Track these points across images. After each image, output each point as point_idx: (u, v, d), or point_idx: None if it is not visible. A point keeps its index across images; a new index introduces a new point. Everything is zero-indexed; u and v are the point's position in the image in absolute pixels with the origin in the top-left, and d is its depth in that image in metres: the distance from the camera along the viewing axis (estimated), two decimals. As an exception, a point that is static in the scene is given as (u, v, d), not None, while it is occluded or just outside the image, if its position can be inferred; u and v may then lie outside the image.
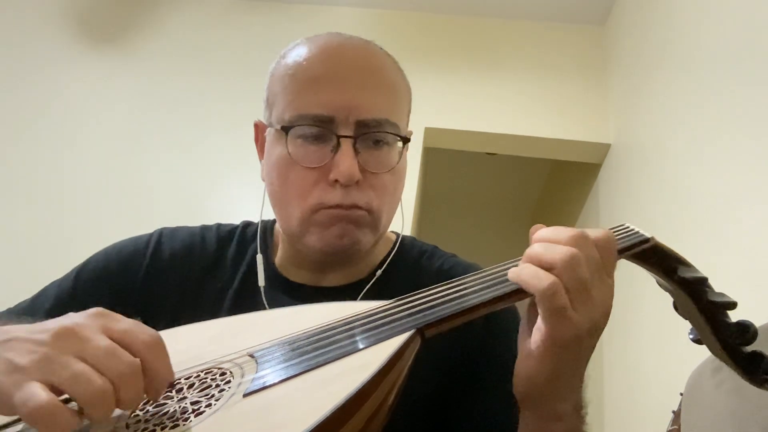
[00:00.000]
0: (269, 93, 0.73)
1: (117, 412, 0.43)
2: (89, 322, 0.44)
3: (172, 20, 2.65)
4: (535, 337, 0.51)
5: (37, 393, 0.38)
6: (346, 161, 0.65)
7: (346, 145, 0.66)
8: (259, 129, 0.77)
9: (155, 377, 0.44)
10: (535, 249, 0.52)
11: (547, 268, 0.50)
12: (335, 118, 0.66)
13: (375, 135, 0.68)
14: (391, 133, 0.69)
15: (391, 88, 0.71)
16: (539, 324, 0.51)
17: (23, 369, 0.40)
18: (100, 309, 0.46)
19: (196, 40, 2.61)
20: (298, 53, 0.71)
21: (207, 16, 2.65)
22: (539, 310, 0.50)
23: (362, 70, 0.69)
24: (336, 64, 0.69)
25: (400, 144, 0.72)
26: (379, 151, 0.69)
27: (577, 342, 0.50)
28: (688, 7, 1.74)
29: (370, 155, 0.68)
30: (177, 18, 2.66)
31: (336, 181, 0.66)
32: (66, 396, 0.40)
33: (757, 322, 0.82)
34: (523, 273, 0.51)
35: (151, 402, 0.47)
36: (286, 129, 0.68)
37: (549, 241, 0.52)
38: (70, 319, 0.44)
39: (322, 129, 0.67)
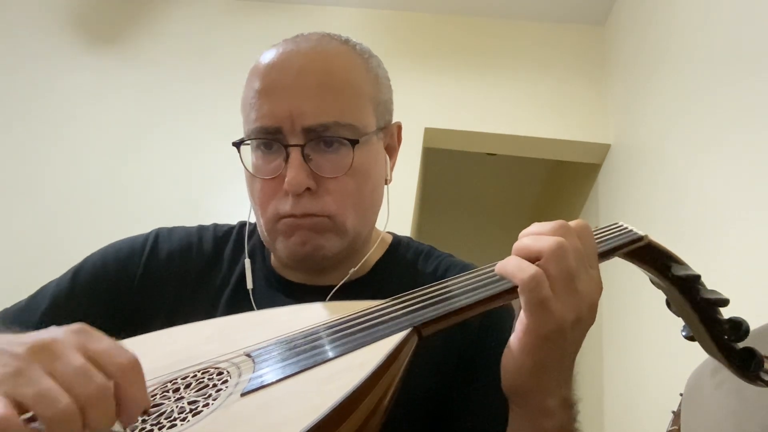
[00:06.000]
0: None
1: None
2: (66, 338, 0.42)
3: (172, 20, 2.65)
4: (517, 329, 0.51)
5: None
6: (291, 171, 0.66)
7: (295, 154, 0.66)
8: None
9: (128, 402, 0.41)
10: (522, 241, 0.53)
11: (534, 258, 0.51)
12: (282, 127, 0.67)
13: (323, 140, 0.67)
14: (339, 137, 0.67)
15: (342, 87, 0.69)
16: (521, 316, 0.51)
17: None
18: (82, 325, 0.44)
19: (196, 39, 2.61)
20: (254, 66, 0.72)
21: (207, 16, 2.65)
22: (521, 302, 0.50)
23: (306, 76, 0.68)
24: (279, 74, 0.69)
25: (374, 139, 0.71)
26: (332, 155, 0.68)
27: (561, 335, 0.50)
28: (688, 7, 1.73)
29: (323, 160, 0.68)
30: (176, 18, 2.66)
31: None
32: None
33: (757, 322, 0.82)
34: (508, 265, 0.52)
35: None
36: (237, 145, 0.70)
37: (535, 234, 0.53)
38: (49, 333, 0.42)
39: (271, 140, 0.68)
